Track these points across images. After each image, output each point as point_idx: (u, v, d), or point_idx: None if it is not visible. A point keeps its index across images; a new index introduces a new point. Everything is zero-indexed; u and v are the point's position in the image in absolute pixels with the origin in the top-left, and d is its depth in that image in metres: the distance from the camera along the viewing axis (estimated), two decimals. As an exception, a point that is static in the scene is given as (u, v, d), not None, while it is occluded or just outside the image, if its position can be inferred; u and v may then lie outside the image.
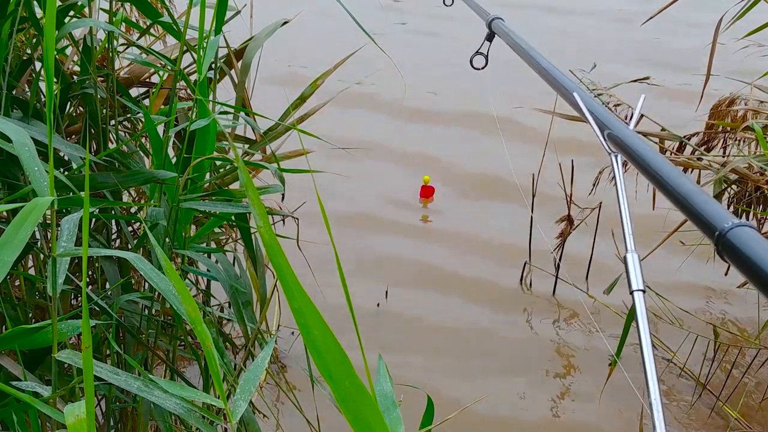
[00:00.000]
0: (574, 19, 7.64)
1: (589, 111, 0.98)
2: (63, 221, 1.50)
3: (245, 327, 1.99)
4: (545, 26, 7.12)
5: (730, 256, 0.68)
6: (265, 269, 2.42)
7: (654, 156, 0.85)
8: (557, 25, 7.29)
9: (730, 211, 3.49)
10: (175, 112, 1.92)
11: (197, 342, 2.32)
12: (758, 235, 0.68)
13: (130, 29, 2.91)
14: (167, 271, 1.17)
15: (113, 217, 2.08)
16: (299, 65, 5.99)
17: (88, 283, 2.30)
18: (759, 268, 0.65)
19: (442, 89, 5.99)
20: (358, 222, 4.45)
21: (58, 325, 1.38)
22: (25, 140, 1.40)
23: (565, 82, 1.14)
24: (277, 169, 1.93)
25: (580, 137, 4.15)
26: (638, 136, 0.90)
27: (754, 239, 0.66)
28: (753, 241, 0.66)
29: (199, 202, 1.82)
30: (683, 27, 6.76)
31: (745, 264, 0.67)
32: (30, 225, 1.27)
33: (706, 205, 0.72)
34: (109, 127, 2.35)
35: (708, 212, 0.71)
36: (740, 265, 0.68)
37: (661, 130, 3.68)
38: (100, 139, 2.31)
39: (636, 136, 0.90)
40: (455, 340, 3.69)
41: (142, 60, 2.43)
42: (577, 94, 1.03)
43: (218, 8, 1.98)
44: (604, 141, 0.95)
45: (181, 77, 2.27)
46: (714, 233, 0.70)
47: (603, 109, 0.99)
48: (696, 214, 0.74)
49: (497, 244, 4.34)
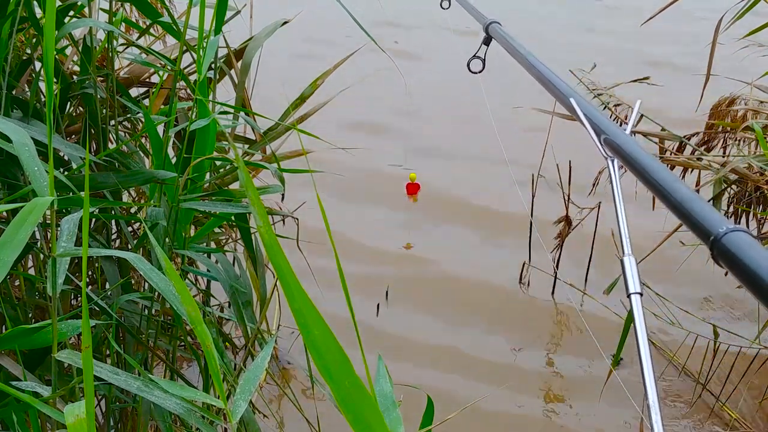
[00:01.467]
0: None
1: (586, 115, 0.99)
2: (63, 221, 1.51)
3: (245, 327, 2.00)
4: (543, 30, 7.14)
5: (725, 261, 0.69)
6: (264, 269, 2.43)
7: (650, 161, 0.86)
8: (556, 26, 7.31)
9: (729, 211, 3.53)
10: (175, 112, 1.93)
11: (197, 342, 2.34)
12: (752, 240, 0.69)
13: (130, 29, 2.92)
14: (167, 271, 1.18)
15: (113, 217, 2.09)
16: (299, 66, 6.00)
17: (87, 283, 2.31)
18: (753, 272, 0.66)
19: (441, 90, 6.02)
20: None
21: (58, 325, 1.39)
22: (25, 140, 1.42)
23: (562, 86, 1.15)
24: (277, 169, 1.94)
25: (581, 137, 4.15)
26: (635, 141, 0.91)
27: (748, 244, 0.67)
28: (747, 245, 0.67)
29: (199, 202, 1.83)
30: (682, 27, 6.78)
31: (739, 268, 0.68)
32: (30, 225, 1.28)
33: (702, 211, 0.73)
34: (109, 127, 2.36)
35: (703, 217, 0.72)
36: (735, 269, 0.69)
37: (661, 130, 3.70)
38: (100, 139, 2.32)
39: (632, 140, 0.91)
40: (453, 341, 3.70)
41: (142, 60, 2.44)
42: (574, 100, 1.04)
43: (218, 8, 1.99)
44: (601, 146, 0.96)
45: (181, 77, 2.28)
46: (709, 238, 0.71)
47: (600, 113, 1.00)
48: (692, 219, 0.75)
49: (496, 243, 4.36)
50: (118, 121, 2.50)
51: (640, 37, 6.25)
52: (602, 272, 3.95)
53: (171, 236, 1.88)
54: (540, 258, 4.01)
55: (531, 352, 3.66)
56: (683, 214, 0.77)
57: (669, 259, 3.84)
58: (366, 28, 2.15)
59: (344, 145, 3.12)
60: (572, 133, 3.83)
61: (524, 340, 3.74)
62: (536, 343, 3.72)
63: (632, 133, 0.94)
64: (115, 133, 2.42)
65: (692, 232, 0.76)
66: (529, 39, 1.70)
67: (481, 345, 3.68)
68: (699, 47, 4.15)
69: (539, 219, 3.92)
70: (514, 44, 1.50)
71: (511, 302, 3.99)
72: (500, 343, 3.71)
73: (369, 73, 4.05)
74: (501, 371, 3.53)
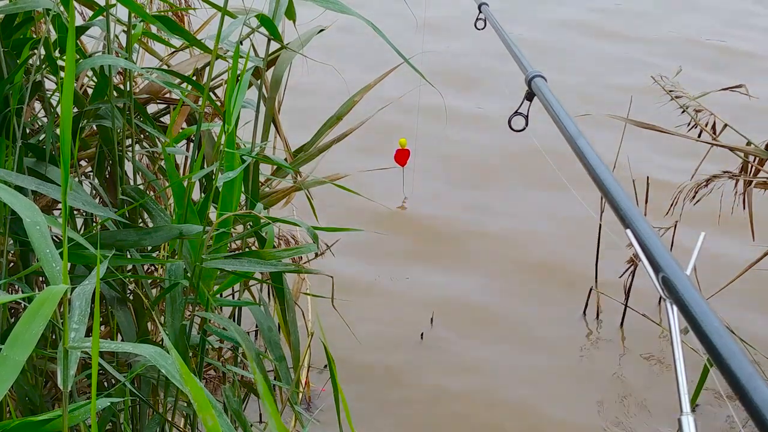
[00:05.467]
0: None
1: (643, 246, 1.02)
2: (74, 296, 1.55)
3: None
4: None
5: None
6: (294, 315, 2.48)
7: (711, 319, 0.89)
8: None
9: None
10: (200, 163, 1.99)
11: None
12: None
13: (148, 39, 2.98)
14: (187, 381, 1.25)
15: (131, 277, 2.17)
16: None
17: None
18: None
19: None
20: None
21: (69, 412, 1.46)
22: (37, 218, 1.47)
23: (617, 191, 1.16)
24: (309, 228, 1.99)
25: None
26: (693, 284, 0.94)
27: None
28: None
29: (224, 261, 1.89)
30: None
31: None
32: (43, 318, 1.34)
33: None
34: (126, 151, 2.42)
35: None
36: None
37: (746, 144, 3.68)
38: (116, 159, 2.39)
39: (691, 285, 0.94)
40: (514, 369, 3.76)
41: (162, 81, 2.49)
42: (630, 231, 1.06)
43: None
44: (659, 285, 0.99)
45: (210, 102, 2.34)
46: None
47: (660, 242, 1.03)
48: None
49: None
50: (135, 140, 2.56)
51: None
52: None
53: (194, 293, 1.95)
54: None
55: (593, 388, 3.69)
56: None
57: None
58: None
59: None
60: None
61: (586, 375, 3.77)
62: (599, 379, 3.75)
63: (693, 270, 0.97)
64: (132, 161, 2.48)
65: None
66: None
67: (541, 375, 3.73)
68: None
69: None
70: (561, 114, 1.50)
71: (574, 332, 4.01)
72: (562, 373, 3.75)
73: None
74: (563, 404, 3.56)
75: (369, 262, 4.39)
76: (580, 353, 3.94)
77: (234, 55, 1.84)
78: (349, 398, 1.94)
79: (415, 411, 3.53)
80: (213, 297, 2.06)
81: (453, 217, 4.85)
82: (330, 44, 4.00)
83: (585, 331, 4.06)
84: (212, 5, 2.44)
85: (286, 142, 2.83)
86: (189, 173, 2.06)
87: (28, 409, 1.94)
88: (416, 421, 3.48)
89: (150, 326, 2.37)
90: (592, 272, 4.17)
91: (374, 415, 3.44)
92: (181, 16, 3.15)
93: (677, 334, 0.97)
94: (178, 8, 3.16)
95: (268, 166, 2.75)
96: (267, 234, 2.11)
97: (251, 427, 2.15)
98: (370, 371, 3.66)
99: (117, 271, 2.01)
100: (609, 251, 4.06)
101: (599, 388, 3.72)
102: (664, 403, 3.60)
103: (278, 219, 2.00)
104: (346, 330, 3.23)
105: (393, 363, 3.75)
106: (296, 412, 2.14)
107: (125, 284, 2.20)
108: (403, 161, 4.85)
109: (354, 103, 2.86)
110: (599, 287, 4.12)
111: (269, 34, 2.44)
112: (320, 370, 3.48)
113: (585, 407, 3.61)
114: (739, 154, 3.69)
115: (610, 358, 3.91)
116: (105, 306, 2.33)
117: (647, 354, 3.90)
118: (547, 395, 3.65)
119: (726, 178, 3.67)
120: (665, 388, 3.68)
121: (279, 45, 2.54)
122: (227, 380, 2.47)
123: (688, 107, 3.83)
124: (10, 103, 1.95)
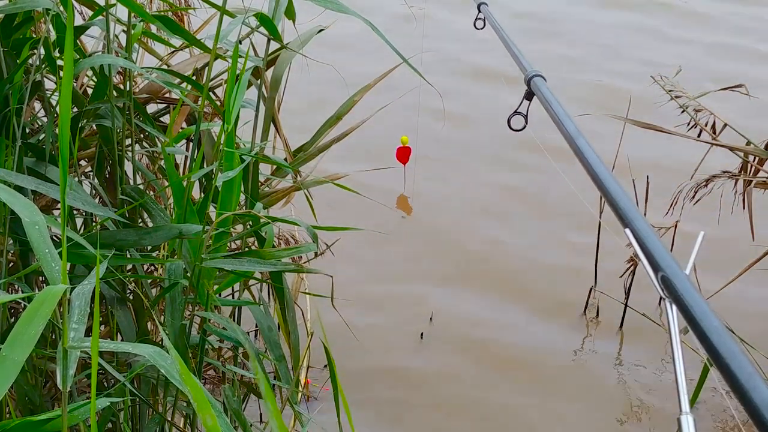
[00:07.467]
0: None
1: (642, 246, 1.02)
2: (73, 296, 1.55)
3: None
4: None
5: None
6: (294, 314, 2.48)
7: (710, 318, 0.89)
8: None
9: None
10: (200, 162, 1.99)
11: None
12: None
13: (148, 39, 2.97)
14: (186, 381, 1.25)
15: (131, 277, 2.17)
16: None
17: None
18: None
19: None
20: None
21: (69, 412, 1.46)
22: (36, 217, 1.47)
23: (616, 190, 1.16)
24: (309, 227, 1.99)
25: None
26: (693, 284, 0.94)
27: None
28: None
29: (224, 260, 1.89)
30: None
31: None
32: (42, 318, 1.34)
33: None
34: (125, 150, 2.42)
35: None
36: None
37: (746, 144, 3.68)
38: (116, 159, 2.39)
39: (691, 285, 0.94)
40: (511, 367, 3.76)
41: (162, 80, 2.49)
42: (629, 230, 1.06)
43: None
44: (658, 284, 0.99)
45: (210, 102, 2.34)
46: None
47: (660, 242, 1.03)
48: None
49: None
50: (135, 140, 2.57)
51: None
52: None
53: (194, 293, 1.95)
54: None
55: (592, 387, 3.70)
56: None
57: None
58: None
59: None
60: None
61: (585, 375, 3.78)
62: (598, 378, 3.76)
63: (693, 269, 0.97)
64: (132, 161, 2.48)
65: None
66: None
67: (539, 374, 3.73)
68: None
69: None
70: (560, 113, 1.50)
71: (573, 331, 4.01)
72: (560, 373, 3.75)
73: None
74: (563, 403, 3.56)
75: (369, 261, 4.39)
76: (580, 353, 3.94)
77: (233, 54, 1.84)
78: (349, 398, 1.94)
79: (415, 411, 3.53)
80: (213, 296, 2.06)
81: (453, 217, 4.85)
82: (330, 43, 3.99)
83: (584, 331, 4.06)
84: (212, 5, 2.44)
85: (285, 141, 2.83)
86: (189, 173, 2.06)
87: (28, 409, 1.94)
88: (416, 421, 3.48)
89: (150, 326, 2.37)
90: (591, 272, 4.18)
91: (374, 415, 3.44)
92: (181, 16, 3.14)
93: (677, 334, 0.97)
94: (177, 8, 3.16)
95: (267, 165, 2.75)
96: (267, 233, 2.11)
97: (251, 426, 2.16)
98: (370, 371, 3.66)
99: (117, 270, 2.01)
100: (609, 251, 4.06)
101: (599, 387, 3.73)
102: (663, 402, 3.60)
103: (278, 219, 2.00)
104: (346, 330, 3.24)
105: (393, 363, 3.75)
106: (296, 412, 2.14)
107: (125, 284, 2.20)
108: (405, 159, 4.85)
109: (354, 103, 2.87)
110: (599, 287, 4.12)
111: (269, 33, 2.44)
112: (320, 370, 3.48)
113: (584, 407, 3.61)
114: (738, 154, 3.70)
115: (610, 358, 3.91)
116: (105, 306, 2.33)
117: (647, 354, 3.90)
118: (546, 394, 3.65)
119: (726, 177, 3.68)
120: (665, 388, 3.68)
121: (279, 45, 2.55)
122: (227, 380, 2.47)
123: (687, 106, 3.84)
124: (10, 103, 1.96)
